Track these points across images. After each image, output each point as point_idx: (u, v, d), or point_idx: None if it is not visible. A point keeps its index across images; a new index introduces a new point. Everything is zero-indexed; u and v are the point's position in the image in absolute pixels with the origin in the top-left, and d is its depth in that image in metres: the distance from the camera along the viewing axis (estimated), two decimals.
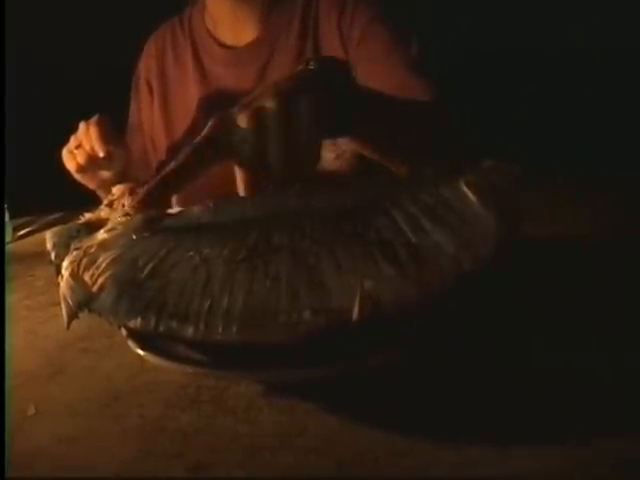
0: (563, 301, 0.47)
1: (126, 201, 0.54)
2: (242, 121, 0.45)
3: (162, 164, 1.07)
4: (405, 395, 0.38)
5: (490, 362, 0.40)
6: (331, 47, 0.94)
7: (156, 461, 0.34)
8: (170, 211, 0.47)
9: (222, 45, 1.02)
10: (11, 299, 0.65)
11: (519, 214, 0.37)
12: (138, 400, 0.40)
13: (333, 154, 0.93)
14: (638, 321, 0.43)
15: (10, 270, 0.76)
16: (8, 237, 0.95)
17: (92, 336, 0.51)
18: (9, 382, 0.44)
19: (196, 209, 0.47)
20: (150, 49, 1.12)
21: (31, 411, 0.40)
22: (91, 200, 0.97)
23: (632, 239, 0.59)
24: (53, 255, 0.45)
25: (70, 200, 0.92)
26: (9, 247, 0.92)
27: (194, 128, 1.02)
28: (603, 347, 0.40)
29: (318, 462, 0.32)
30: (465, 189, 0.38)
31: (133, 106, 1.14)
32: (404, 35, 0.89)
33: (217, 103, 1.01)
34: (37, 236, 0.95)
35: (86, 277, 0.40)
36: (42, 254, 0.48)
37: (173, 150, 1.06)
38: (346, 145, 0.92)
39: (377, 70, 0.86)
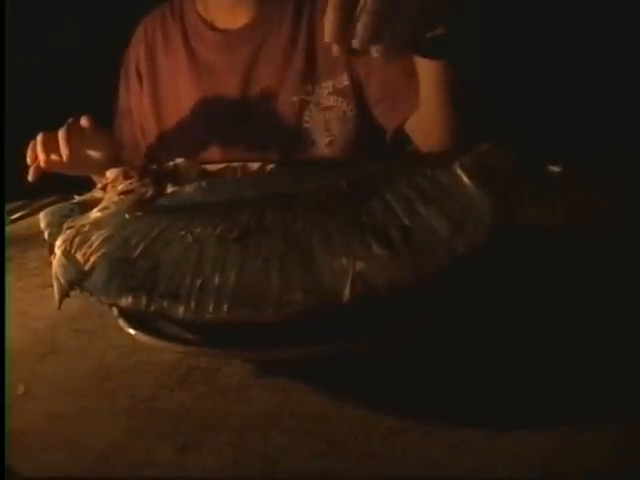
0: (559, 288, 0.47)
1: (119, 184, 0.53)
2: None
3: (152, 149, 1.06)
4: (398, 375, 0.38)
5: (485, 344, 0.40)
6: None
7: (146, 440, 0.34)
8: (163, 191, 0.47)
9: (214, 29, 1.01)
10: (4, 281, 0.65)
11: (514, 198, 0.37)
12: (129, 380, 0.40)
13: (326, 139, 0.92)
14: (630, 306, 0.43)
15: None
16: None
17: (83, 317, 0.51)
18: (9, 363, 0.44)
19: (189, 188, 0.46)
20: (140, 35, 1.11)
21: (20, 390, 0.40)
22: (85, 184, 0.96)
23: (628, 229, 0.59)
24: (47, 234, 0.45)
25: (63, 184, 0.92)
26: None
27: (184, 113, 1.01)
28: (599, 332, 0.40)
29: (309, 442, 0.32)
30: (460, 172, 0.38)
31: (122, 93, 1.12)
32: None
33: (207, 88, 1.00)
34: (30, 219, 0.94)
35: (78, 255, 0.39)
36: (35, 237, 0.47)
37: (163, 136, 1.05)
38: (339, 131, 0.92)
39: (379, 65, 0.86)
